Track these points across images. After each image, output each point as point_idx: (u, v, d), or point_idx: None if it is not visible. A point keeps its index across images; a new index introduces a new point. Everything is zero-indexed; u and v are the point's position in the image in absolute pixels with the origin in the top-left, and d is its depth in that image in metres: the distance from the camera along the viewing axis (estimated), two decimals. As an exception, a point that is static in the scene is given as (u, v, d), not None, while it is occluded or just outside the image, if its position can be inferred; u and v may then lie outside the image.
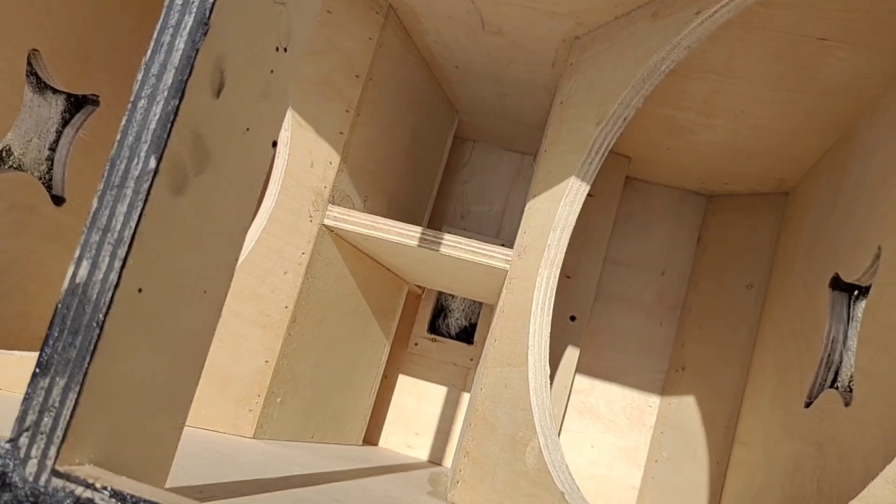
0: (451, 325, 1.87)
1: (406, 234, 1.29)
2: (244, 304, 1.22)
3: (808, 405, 1.17)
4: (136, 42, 1.44)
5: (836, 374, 1.14)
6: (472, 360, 1.82)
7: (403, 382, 1.83)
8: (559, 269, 1.17)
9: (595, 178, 1.71)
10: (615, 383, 1.79)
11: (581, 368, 1.78)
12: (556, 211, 1.18)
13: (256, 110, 0.61)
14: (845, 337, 1.15)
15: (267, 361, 1.25)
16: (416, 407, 1.82)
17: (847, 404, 1.02)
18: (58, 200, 1.37)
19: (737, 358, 1.64)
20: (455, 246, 1.28)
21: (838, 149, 1.35)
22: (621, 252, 1.83)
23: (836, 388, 1.12)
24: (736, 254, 1.73)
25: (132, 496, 0.46)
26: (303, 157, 1.27)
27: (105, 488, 0.46)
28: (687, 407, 1.71)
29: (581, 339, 1.69)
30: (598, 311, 1.81)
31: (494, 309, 1.75)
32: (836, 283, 1.18)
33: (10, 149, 1.26)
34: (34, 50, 1.24)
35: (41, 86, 1.29)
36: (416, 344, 1.84)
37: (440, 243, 1.29)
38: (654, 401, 1.77)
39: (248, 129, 0.61)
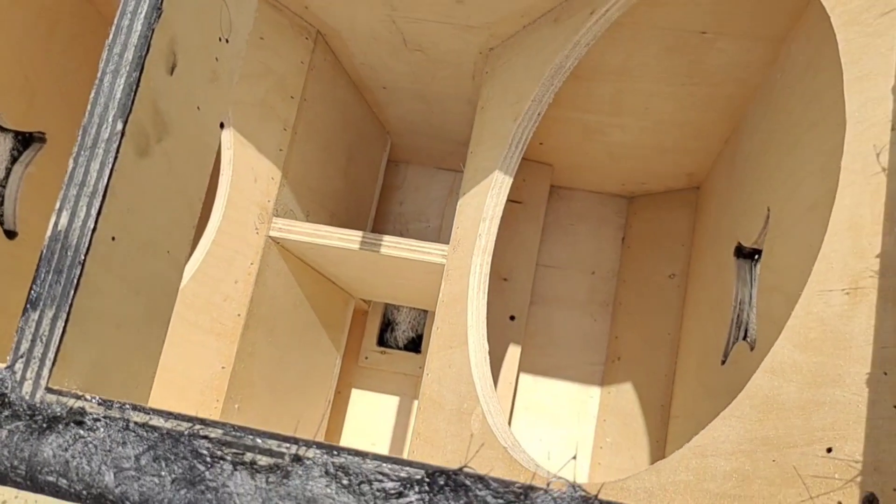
0: (398, 338, 1.95)
1: (348, 239, 1.38)
2: (198, 314, 1.28)
3: (723, 362, 1.28)
4: (80, 80, 1.52)
5: (746, 330, 1.26)
6: (420, 368, 1.90)
7: (357, 396, 1.90)
8: (490, 256, 1.27)
9: (522, 187, 1.84)
10: (557, 378, 1.89)
11: (524, 367, 1.87)
12: (484, 203, 1.28)
13: (206, 91, 0.71)
14: (751, 297, 1.27)
15: (223, 367, 1.31)
16: (370, 418, 1.88)
17: (752, 349, 1.13)
18: (10, 234, 1.42)
19: (666, 342, 1.76)
20: (395, 245, 1.38)
21: (734, 138, 1.50)
22: (552, 255, 1.95)
23: (746, 339, 1.23)
24: (657, 248, 1.87)
25: (118, 402, 0.53)
26: (246, 173, 1.35)
27: (93, 397, 0.54)
28: (625, 394, 1.82)
29: (522, 339, 1.79)
30: (536, 312, 1.91)
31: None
32: (739, 251, 1.31)
33: (-40, 184, 1.31)
34: (-19, 88, 1.30)
35: (-10, 124, 1.35)
36: (366, 357, 1.91)
37: (380, 244, 1.38)
38: (594, 391, 1.88)
39: (198, 108, 0.70)
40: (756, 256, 1.30)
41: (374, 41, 1.48)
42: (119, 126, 0.58)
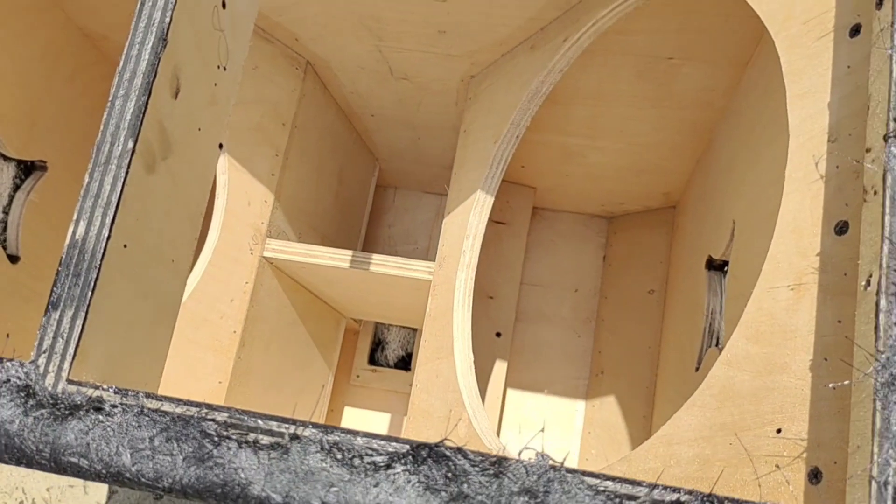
0: (389, 356, 2.00)
1: (338, 258, 1.44)
2: (196, 330, 1.34)
3: (697, 369, 1.35)
4: (79, 110, 1.59)
5: (718, 338, 1.33)
6: (410, 385, 1.95)
7: (349, 413, 1.95)
8: (474, 272, 1.34)
9: (506, 208, 1.91)
10: (543, 393, 1.94)
11: (511, 383, 1.93)
12: (467, 221, 1.35)
13: (206, 114, 0.77)
14: (721, 307, 1.34)
15: (220, 382, 1.36)
16: (362, 436, 1.93)
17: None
18: (13, 259, 1.47)
19: (647, 356, 1.82)
20: (384, 263, 1.44)
21: (705, 158, 1.58)
22: (537, 274, 2.02)
23: (717, 345, 1.30)
24: (637, 266, 1.94)
25: (132, 390, 0.59)
26: (240, 197, 1.42)
27: (110, 387, 0.60)
28: (609, 406, 1.87)
29: (508, 355, 1.85)
30: (522, 329, 1.97)
31: (427, 334, 1.90)
32: (710, 264, 1.38)
33: (-34, 210, 1.37)
34: (-13, 119, 1.37)
35: (-5, 153, 1.42)
36: (357, 376, 1.96)
37: (370, 262, 1.44)
38: (580, 405, 1.93)
39: (199, 129, 0.76)
40: (725, 268, 1.37)
41: (361, 71, 1.55)
42: (130, 144, 0.65)
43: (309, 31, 1.44)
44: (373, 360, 2.00)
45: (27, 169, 1.51)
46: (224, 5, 0.78)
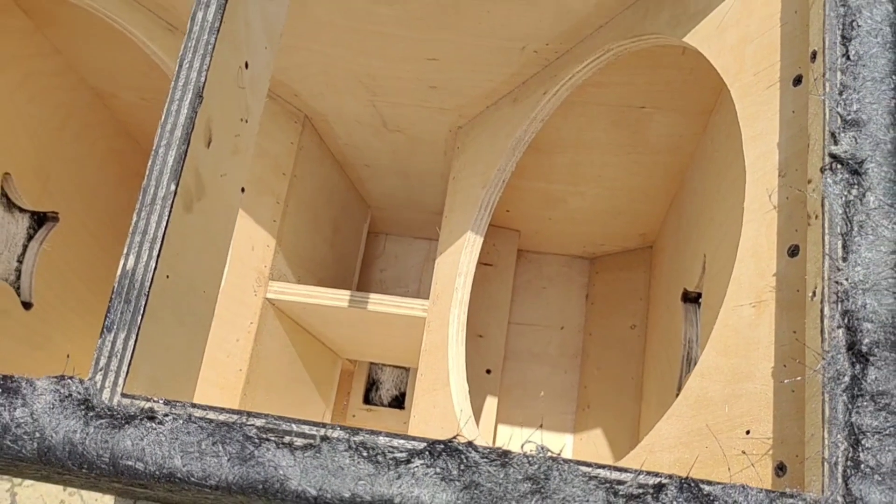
0: (383, 396, 2.07)
1: (337, 298, 1.53)
2: (205, 368, 1.40)
3: (678, 395, 1.43)
4: (88, 164, 1.68)
5: (694, 363, 1.42)
6: (405, 423, 2.02)
7: (345, 453, 2.00)
8: (466, 307, 1.43)
9: (492, 251, 2.01)
10: (532, 428, 2.02)
11: (501, 419, 2.00)
12: (459, 260, 1.45)
13: (231, 162, 0.87)
14: (697, 336, 1.44)
15: (226, 418, 1.43)
16: (358, 474, 1.98)
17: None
18: (27, 306, 1.54)
19: (631, 388, 1.91)
20: (380, 302, 1.53)
21: (678, 200, 1.70)
22: (523, 314, 2.11)
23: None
24: (618, 303, 2.04)
25: (179, 401, 0.67)
26: (245, 242, 1.51)
27: (160, 399, 0.68)
28: (596, 439, 1.95)
29: (499, 391, 1.93)
30: (511, 367, 2.05)
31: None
32: (685, 296, 1.48)
33: (-16, 259, 1.45)
34: (6, 174, 1.45)
35: (10, 205, 1.50)
36: (353, 416, 2.03)
37: (367, 301, 1.53)
38: (568, 438, 2.01)
39: (226, 175, 0.86)
40: (699, 300, 1.47)
41: (357, 124, 1.66)
42: (172, 187, 0.74)
43: (309, 88, 1.55)
44: (368, 400, 2.07)
45: (40, 220, 1.59)
46: (246, 66, 0.89)
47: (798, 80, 0.87)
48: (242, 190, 0.91)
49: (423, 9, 1.28)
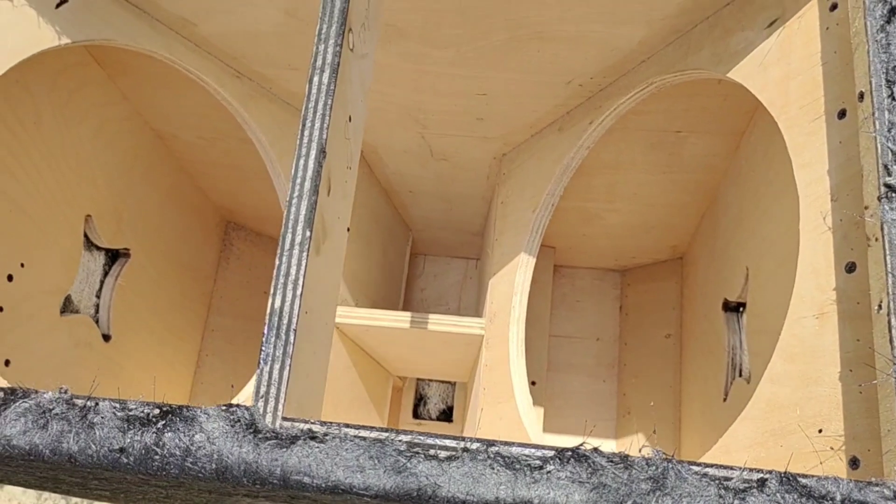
0: (431, 410, 2.17)
1: (400, 320, 1.63)
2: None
3: (725, 399, 1.53)
4: (151, 202, 1.78)
5: (740, 369, 1.52)
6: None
7: (397, 466, 2.09)
8: (524, 325, 1.53)
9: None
10: (577, 435, 2.11)
11: (548, 428, 2.10)
12: (514, 280, 1.55)
13: (341, 206, 0.97)
14: (740, 342, 1.53)
15: (303, 437, 1.52)
16: (411, 486, 2.07)
17: (748, 382, 1.39)
18: (106, 338, 1.64)
19: (669, 393, 2.00)
20: (439, 322, 1.63)
21: (710, 214, 1.80)
22: (562, 327, 2.21)
23: (741, 376, 1.49)
24: (652, 313, 2.14)
25: (332, 422, 0.77)
26: (310, 271, 1.60)
27: (316, 421, 0.77)
28: (637, 445, 2.04)
29: (544, 402, 2.02)
30: (553, 378, 2.15)
31: (468, 386, 2.07)
32: (726, 305, 1.58)
33: (70, 297, 1.54)
34: (88, 216, 1.55)
35: (90, 245, 1.60)
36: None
37: (427, 322, 1.63)
38: (610, 444, 2.10)
39: (339, 218, 0.96)
40: (740, 308, 1.57)
41: (404, 154, 1.77)
42: (307, 234, 0.84)
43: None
44: (416, 415, 2.16)
45: (113, 256, 1.69)
46: (350, 119, 0.99)
47: (842, 114, 0.97)
48: (348, 229, 1.01)
49: (476, 51, 1.38)
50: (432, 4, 1.28)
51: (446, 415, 2.16)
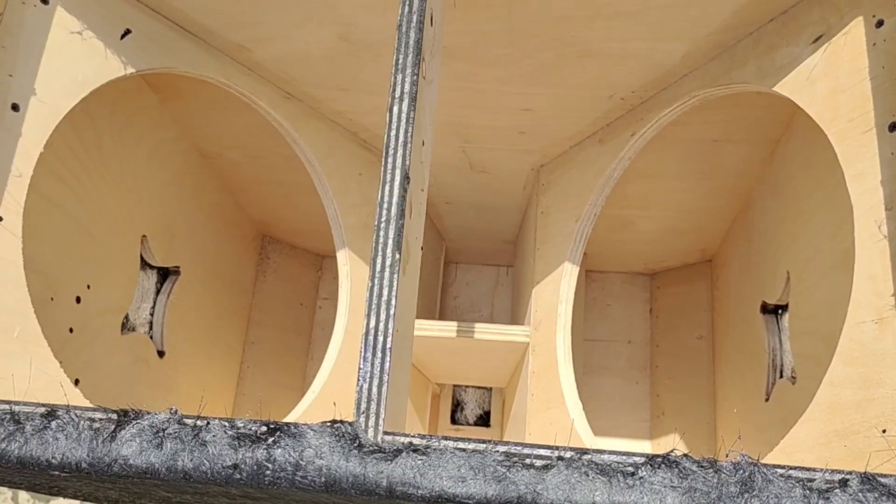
0: (468, 416, 2.21)
1: (447, 329, 1.67)
2: (340, 406, 1.54)
3: (767, 399, 1.58)
4: (197, 221, 1.83)
5: (781, 370, 1.56)
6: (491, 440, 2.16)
7: (438, 471, 2.14)
8: (570, 332, 1.57)
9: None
10: (613, 437, 2.16)
11: (582, 430, 2.14)
12: (559, 289, 1.59)
13: (417, 226, 1.02)
14: (780, 343, 1.58)
15: (358, 446, 1.57)
16: (452, 491, 2.12)
17: (794, 383, 1.43)
18: (161, 354, 1.68)
19: (703, 394, 2.05)
20: (484, 331, 1.67)
21: (742, 217, 1.84)
22: (594, 331, 2.25)
23: (783, 377, 1.53)
24: (682, 315, 2.18)
25: (431, 435, 0.82)
26: (360, 284, 1.65)
27: (415, 435, 0.82)
28: (673, 445, 2.09)
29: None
30: (588, 381, 2.19)
31: (504, 392, 2.12)
32: (765, 308, 1.62)
33: (128, 315, 1.59)
34: (143, 236, 1.60)
35: (145, 264, 1.64)
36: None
37: (473, 331, 1.67)
38: (646, 445, 2.15)
39: (416, 238, 1.01)
40: (779, 311, 1.61)
41: (444, 167, 1.81)
42: (396, 256, 0.89)
43: (405, 139, 1.70)
44: (454, 420, 2.21)
45: (164, 274, 1.73)
46: (423, 143, 1.03)
47: (893, 127, 1.02)
48: (421, 249, 1.05)
49: (523, 69, 1.43)
50: (482, 26, 1.32)
51: (483, 420, 2.21)
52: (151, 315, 1.68)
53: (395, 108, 0.96)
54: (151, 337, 1.67)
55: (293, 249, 2.31)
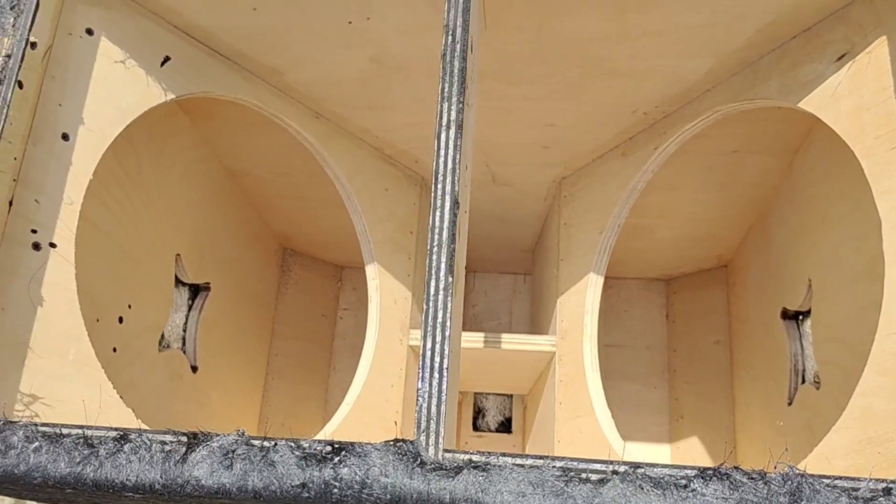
0: (490, 422, 2.25)
1: (473, 340, 1.71)
2: (371, 415, 1.58)
3: (790, 404, 1.61)
4: (224, 237, 1.86)
5: (804, 375, 1.60)
6: (514, 446, 2.20)
7: (462, 478, 2.17)
8: (597, 342, 1.61)
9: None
10: (633, 441, 2.19)
11: (603, 435, 2.17)
12: (584, 299, 1.63)
13: (462, 247, 1.05)
14: (802, 348, 1.61)
15: (391, 457, 1.60)
16: (476, 497, 2.16)
17: (818, 388, 1.47)
18: (194, 369, 1.72)
19: (721, 398, 2.09)
20: (511, 341, 1.71)
21: (759, 225, 1.88)
22: (612, 337, 2.29)
23: (806, 382, 1.57)
24: (699, 320, 2.22)
25: (490, 452, 0.85)
26: (388, 297, 1.68)
27: (474, 452, 0.85)
28: (692, 448, 2.13)
29: (599, 410, 2.10)
30: (606, 387, 2.22)
31: (526, 399, 2.15)
32: (785, 314, 1.66)
33: (164, 333, 1.62)
34: (177, 255, 1.63)
35: (178, 281, 1.68)
36: (465, 443, 2.20)
37: (500, 342, 1.71)
38: (665, 448, 2.18)
39: (462, 259, 1.04)
40: (800, 317, 1.65)
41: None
42: (450, 279, 0.92)
43: (429, 153, 1.74)
44: (476, 427, 2.24)
45: (195, 291, 1.76)
46: (467, 167, 1.07)
47: (919, 143, 1.05)
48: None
49: (550, 87, 1.46)
50: (510, 47, 1.36)
51: (505, 426, 2.24)
52: (184, 331, 1.71)
53: (444, 136, 0.99)
54: (184, 352, 1.71)
55: (313, 261, 2.34)
